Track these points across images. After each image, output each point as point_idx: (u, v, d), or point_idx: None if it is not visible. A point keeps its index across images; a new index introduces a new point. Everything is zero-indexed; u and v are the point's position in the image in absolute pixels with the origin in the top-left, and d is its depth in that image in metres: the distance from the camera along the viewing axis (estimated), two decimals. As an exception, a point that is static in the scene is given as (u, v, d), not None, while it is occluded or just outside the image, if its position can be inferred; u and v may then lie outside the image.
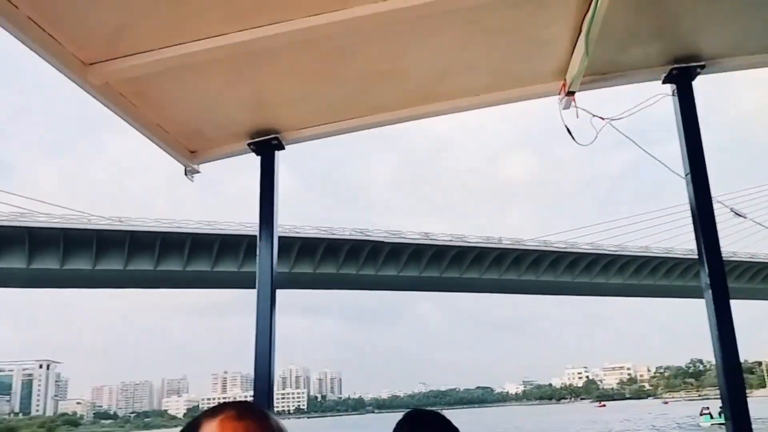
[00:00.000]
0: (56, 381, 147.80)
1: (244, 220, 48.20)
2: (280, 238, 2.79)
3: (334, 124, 2.76)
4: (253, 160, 2.89)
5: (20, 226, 42.30)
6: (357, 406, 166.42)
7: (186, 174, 2.86)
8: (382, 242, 50.41)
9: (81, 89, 2.12)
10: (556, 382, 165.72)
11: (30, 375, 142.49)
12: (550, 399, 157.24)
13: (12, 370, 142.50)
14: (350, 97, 2.62)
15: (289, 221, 48.15)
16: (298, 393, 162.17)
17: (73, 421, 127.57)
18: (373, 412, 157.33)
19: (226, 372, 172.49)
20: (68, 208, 47.52)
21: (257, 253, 2.67)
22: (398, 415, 2.02)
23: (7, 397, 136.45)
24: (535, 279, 54.01)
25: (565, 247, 55.08)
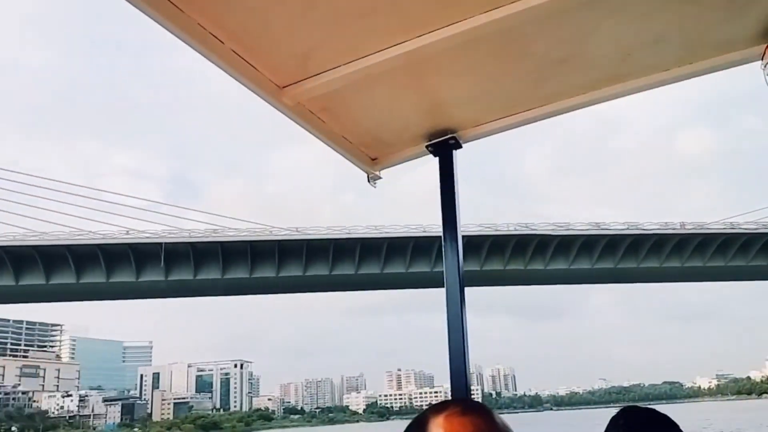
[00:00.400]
0: (249, 379, 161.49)
1: (409, 221, 49.40)
2: None
3: (510, 117, 2.69)
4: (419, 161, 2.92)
5: (214, 242, 47.08)
6: (533, 403, 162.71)
7: (369, 180, 2.97)
8: (550, 235, 49.00)
9: (276, 110, 2.30)
10: (756, 375, 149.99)
11: (227, 374, 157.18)
12: (749, 394, 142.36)
13: (212, 370, 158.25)
14: (526, 88, 2.54)
15: (453, 220, 48.68)
16: (473, 390, 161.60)
17: (266, 416, 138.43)
18: (551, 409, 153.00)
19: (399, 369, 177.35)
20: (252, 221, 52.09)
21: (443, 253, 2.69)
22: (579, 413, 1.94)
23: (209, 395, 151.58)
24: (723, 265, 49.40)
25: (756, 228, 49.83)
